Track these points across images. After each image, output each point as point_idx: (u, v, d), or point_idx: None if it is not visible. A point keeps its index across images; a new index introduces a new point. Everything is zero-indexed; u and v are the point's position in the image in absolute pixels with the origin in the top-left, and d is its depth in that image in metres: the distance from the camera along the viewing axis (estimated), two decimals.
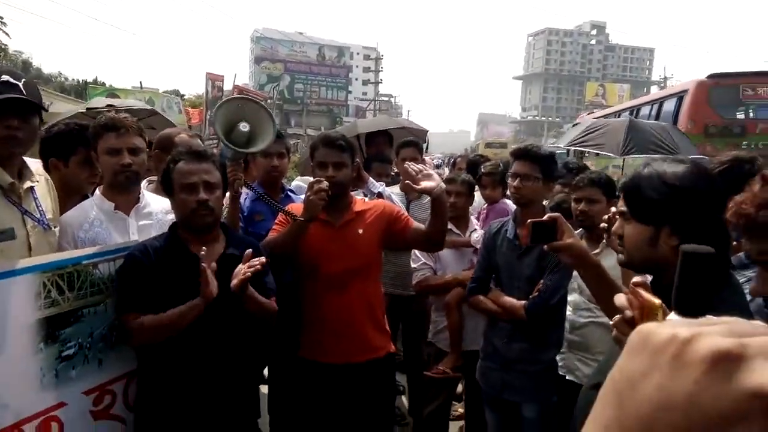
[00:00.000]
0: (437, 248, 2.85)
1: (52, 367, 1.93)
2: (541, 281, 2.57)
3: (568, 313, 2.59)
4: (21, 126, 2.02)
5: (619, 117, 10.11)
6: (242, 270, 2.02)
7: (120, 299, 2.09)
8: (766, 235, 0.97)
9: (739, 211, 1.01)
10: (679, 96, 9.23)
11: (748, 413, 0.31)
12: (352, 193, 2.78)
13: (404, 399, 4.26)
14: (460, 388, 3.57)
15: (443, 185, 2.54)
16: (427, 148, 7.96)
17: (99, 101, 5.87)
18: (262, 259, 2.06)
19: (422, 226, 2.60)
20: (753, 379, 0.31)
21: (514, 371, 2.61)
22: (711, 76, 8.91)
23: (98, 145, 2.32)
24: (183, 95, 32.93)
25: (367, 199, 2.98)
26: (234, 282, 2.01)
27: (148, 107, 5.44)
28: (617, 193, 1.83)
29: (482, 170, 3.86)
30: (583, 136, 6.43)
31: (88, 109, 5.63)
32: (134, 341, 2.09)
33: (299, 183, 4.99)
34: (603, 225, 2.07)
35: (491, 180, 3.78)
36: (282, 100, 59.88)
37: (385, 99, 73.02)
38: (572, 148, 6.98)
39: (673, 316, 0.88)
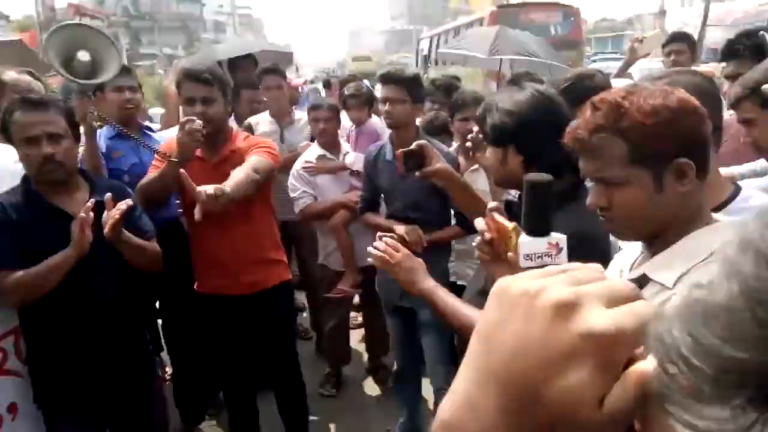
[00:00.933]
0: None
1: None
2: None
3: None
4: None
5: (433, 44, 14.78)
6: (111, 215, 1.93)
7: None
8: (599, 155, 1.08)
9: (575, 136, 1.10)
10: (479, 21, 13.42)
11: (582, 351, 0.36)
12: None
13: (305, 315, 4.42)
14: (357, 299, 3.73)
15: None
16: (297, 70, 7.69)
17: None
18: (128, 201, 1.98)
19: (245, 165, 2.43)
20: (583, 322, 0.37)
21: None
22: (499, 7, 14.61)
23: None
24: (7, 16, 28.70)
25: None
26: (106, 230, 1.93)
27: None
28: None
29: (346, 92, 3.79)
30: (456, 42, 6.93)
31: None
32: (10, 300, 1.99)
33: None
34: (468, 144, 2.24)
35: (356, 102, 3.72)
36: (128, 16, 54.20)
37: (244, 12, 68.79)
38: (447, 51, 7.43)
39: (524, 237, 1.01)
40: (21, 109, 1.96)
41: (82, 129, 2.22)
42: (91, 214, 1.92)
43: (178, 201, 2.77)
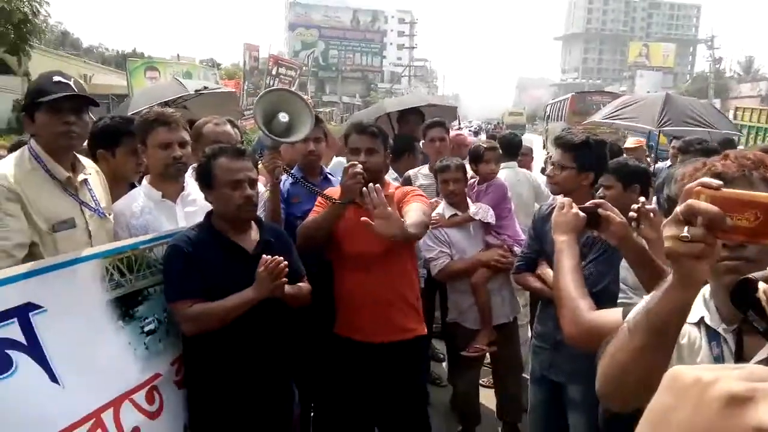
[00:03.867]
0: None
1: (140, 340, 2.14)
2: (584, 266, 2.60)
3: None
4: (76, 121, 2.17)
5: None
6: (279, 280, 2.17)
7: (168, 287, 2.20)
8: None
9: None
10: (565, 100, 21.80)
11: None
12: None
13: (444, 366, 4.41)
14: (488, 358, 3.66)
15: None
16: (459, 123, 7.98)
17: (143, 94, 5.97)
18: (279, 258, 2.17)
19: (414, 208, 2.60)
20: (756, 417, 0.37)
21: (562, 352, 2.63)
22: (577, 93, 21.79)
23: (148, 139, 2.46)
24: (219, 64, 33.21)
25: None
26: (272, 291, 2.18)
27: (198, 90, 5.59)
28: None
29: (483, 146, 3.79)
30: (617, 110, 6.47)
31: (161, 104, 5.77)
32: (188, 328, 2.19)
33: (340, 159, 5.11)
34: (632, 215, 2.07)
35: (492, 155, 3.69)
36: (317, 67, 59.66)
37: (420, 64, 72.01)
38: (607, 121, 7.03)
39: None
40: (226, 156, 2.23)
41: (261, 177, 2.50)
42: (283, 263, 2.16)
43: None
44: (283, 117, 2.65)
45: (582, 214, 1.77)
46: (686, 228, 0.85)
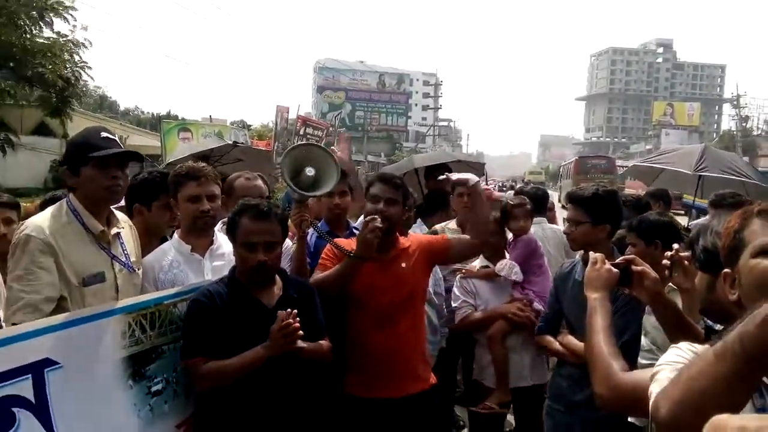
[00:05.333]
0: (484, 239, 2.82)
1: (145, 402, 2.10)
2: None
3: None
4: (121, 176, 2.22)
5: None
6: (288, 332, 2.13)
7: (184, 344, 2.21)
8: None
9: None
10: (570, 163, 26.66)
11: None
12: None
13: None
14: (513, 424, 3.52)
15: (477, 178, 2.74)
16: (486, 180, 8.07)
17: (182, 149, 6.21)
18: (293, 312, 2.15)
19: (465, 236, 2.66)
20: None
21: (578, 415, 2.57)
22: (579, 157, 27.78)
23: (179, 193, 2.51)
24: (250, 125, 34.22)
25: None
26: (285, 348, 2.15)
27: (228, 143, 5.79)
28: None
29: (510, 203, 3.79)
30: (654, 156, 6.69)
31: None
32: (198, 386, 2.20)
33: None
34: (665, 263, 2.04)
35: (521, 212, 3.72)
36: (343, 127, 61.13)
37: (444, 124, 73.27)
38: (643, 164, 7.18)
39: None
40: (248, 216, 2.24)
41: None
42: (297, 324, 2.13)
43: None
44: (310, 171, 2.67)
45: (615, 270, 1.72)
46: None
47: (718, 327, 1.61)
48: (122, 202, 2.79)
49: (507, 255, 3.48)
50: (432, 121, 62.48)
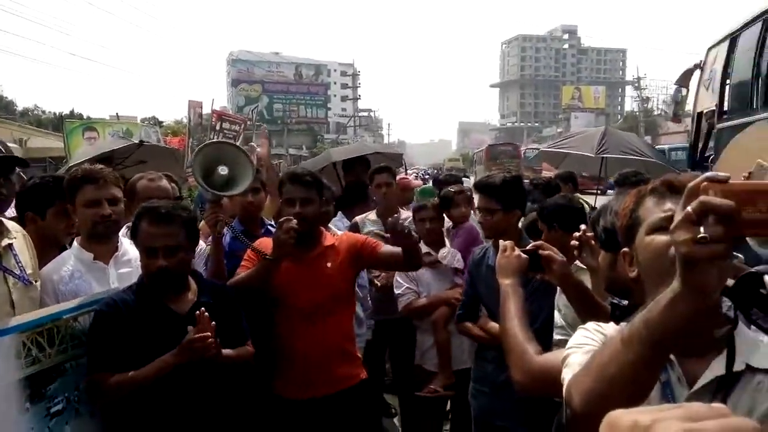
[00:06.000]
0: (415, 267, 2.86)
1: (44, 424, 1.94)
2: None
3: None
4: (5, 183, 2.04)
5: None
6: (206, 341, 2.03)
7: (89, 359, 2.08)
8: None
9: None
10: (481, 151, 28.28)
11: None
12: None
13: (396, 421, 4.29)
14: (447, 406, 3.59)
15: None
16: (406, 169, 8.16)
17: (85, 152, 5.79)
18: (207, 316, 2.05)
19: (396, 248, 2.62)
20: None
21: (502, 396, 2.62)
22: (489, 145, 29.48)
23: (76, 197, 2.33)
24: (162, 122, 32.82)
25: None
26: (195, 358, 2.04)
27: (131, 142, 5.44)
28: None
29: (452, 190, 3.86)
30: (560, 141, 6.98)
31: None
32: (108, 399, 2.08)
33: None
34: (574, 243, 2.12)
35: (461, 199, 3.78)
36: (261, 121, 59.81)
37: (365, 114, 73.36)
38: (549, 149, 7.50)
39: None
40: (147, 220, 2.12)
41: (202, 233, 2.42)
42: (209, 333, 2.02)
43: None
44: (223, 170, 2.58)
45: (524, 255, 1.76)
46: (701, 229, 0.77)
47: (624, 303, 1.65)
48: (13, 212, 2.60)
49: (447, 242, 3.54)
50: (352, 112, 62.39)
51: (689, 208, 0.78)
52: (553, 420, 2.51)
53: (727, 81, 5.26)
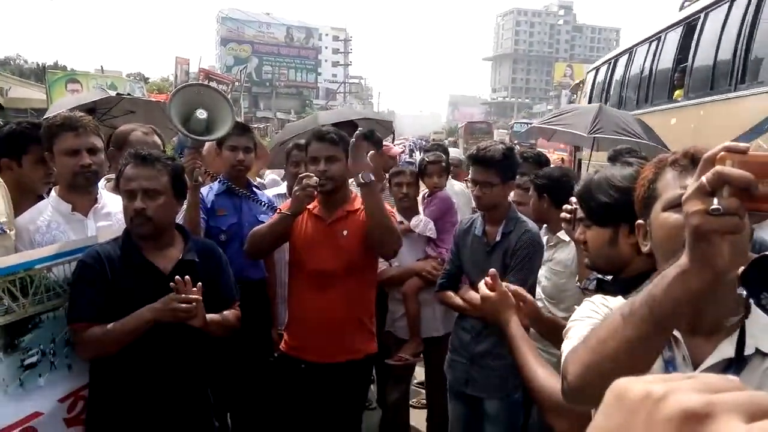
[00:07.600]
0: (387, 255, 2.84)
1: (15, 376, 1.89)
2: (506, 277, 2.59)
3: None
4: None
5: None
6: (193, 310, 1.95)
7: (70, 307, 2.02)
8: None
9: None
10: (461, 127, 27.81)
11: None
12: None
13: (373, 387, 4.31)
14: (423, 376, 3.61)
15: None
16: (394, 138, 8.05)
17: (64, 102, 5.60)
18: (197, 283, 1.97)
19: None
20: None
21: (478, 366, 2.63)
22: (468, 123, 27.58)
23: (54, 145, 2.24)
24: (147, 78, 32.16)
25: None
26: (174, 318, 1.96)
27: (113, 95, 5.27)
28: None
29: (426, 159, 3.81)
30: (553, 117, 6.81)
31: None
32: (81, 353, 2.03)
33: (274, 176, 4.94)
34: (564, 215, 2.08)
35: (436, 168, 3.72)
36: (250, 82, 58.85)
37: (355, 81, 72.49)
38: (542, 125, 7.34)
39: None
40: (130, 163, 2.05)
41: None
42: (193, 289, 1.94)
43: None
44: (201, 114, 2.49)
45: (505, 291, 1.62)
46: (715, 200, 0.72)
47: (608, 278, 1.61)
48: None
49: (421, 211, 3.48)
50: (342, 78, 61.56)
51: (703, 179, 0.74)
52: (528, 392, 2.52)
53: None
